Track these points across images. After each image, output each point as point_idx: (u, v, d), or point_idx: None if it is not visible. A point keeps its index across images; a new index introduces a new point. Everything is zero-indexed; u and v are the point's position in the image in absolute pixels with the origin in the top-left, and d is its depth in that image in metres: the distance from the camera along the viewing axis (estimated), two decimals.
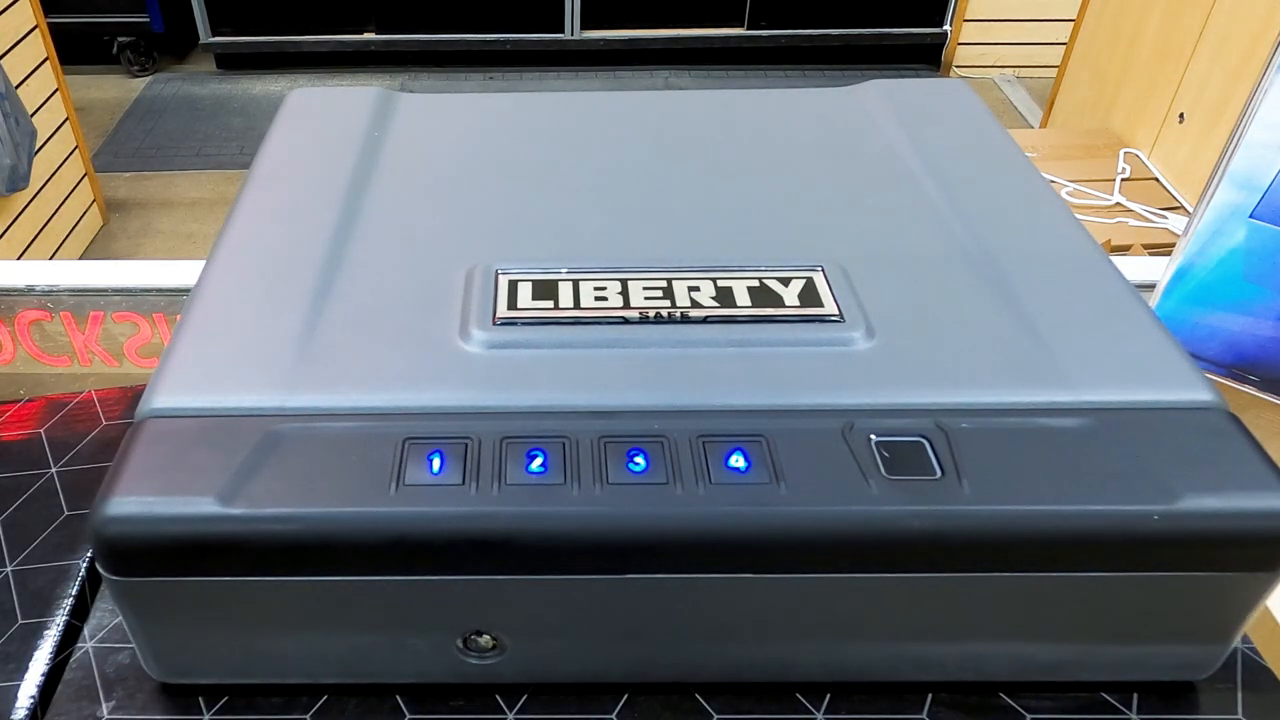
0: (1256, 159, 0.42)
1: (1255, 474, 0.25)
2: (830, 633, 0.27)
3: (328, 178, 0.38)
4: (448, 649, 0.27)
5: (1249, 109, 0.42)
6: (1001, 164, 0.40)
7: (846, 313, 0.31)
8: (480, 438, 0.26)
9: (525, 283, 0.32)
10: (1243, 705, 0.29)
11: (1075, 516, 0.24)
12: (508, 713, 0.29)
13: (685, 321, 0.31)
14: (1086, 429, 0.26)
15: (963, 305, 0.32)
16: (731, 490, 0.24)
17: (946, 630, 0.27)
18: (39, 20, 2.03)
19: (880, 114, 0.44)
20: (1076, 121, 2.20)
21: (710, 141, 0.42)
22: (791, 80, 3.02)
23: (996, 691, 0.29)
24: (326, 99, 0.45)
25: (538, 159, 0.41)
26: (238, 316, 0.31)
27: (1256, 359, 0.45)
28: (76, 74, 2.61)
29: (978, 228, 0.36)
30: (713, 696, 0.29)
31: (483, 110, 0.45)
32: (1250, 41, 1.61)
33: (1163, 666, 0.28)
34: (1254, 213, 0.43)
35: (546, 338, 0.30)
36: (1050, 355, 0.29)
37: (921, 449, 0.26)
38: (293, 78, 3.04)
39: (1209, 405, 0.28)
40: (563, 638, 0.27)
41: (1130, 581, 0.25)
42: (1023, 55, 3.03)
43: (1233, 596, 0.26)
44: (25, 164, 1.90)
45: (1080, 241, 0.35)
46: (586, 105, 0.46)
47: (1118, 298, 0.32)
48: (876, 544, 0.25)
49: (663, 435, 0.26)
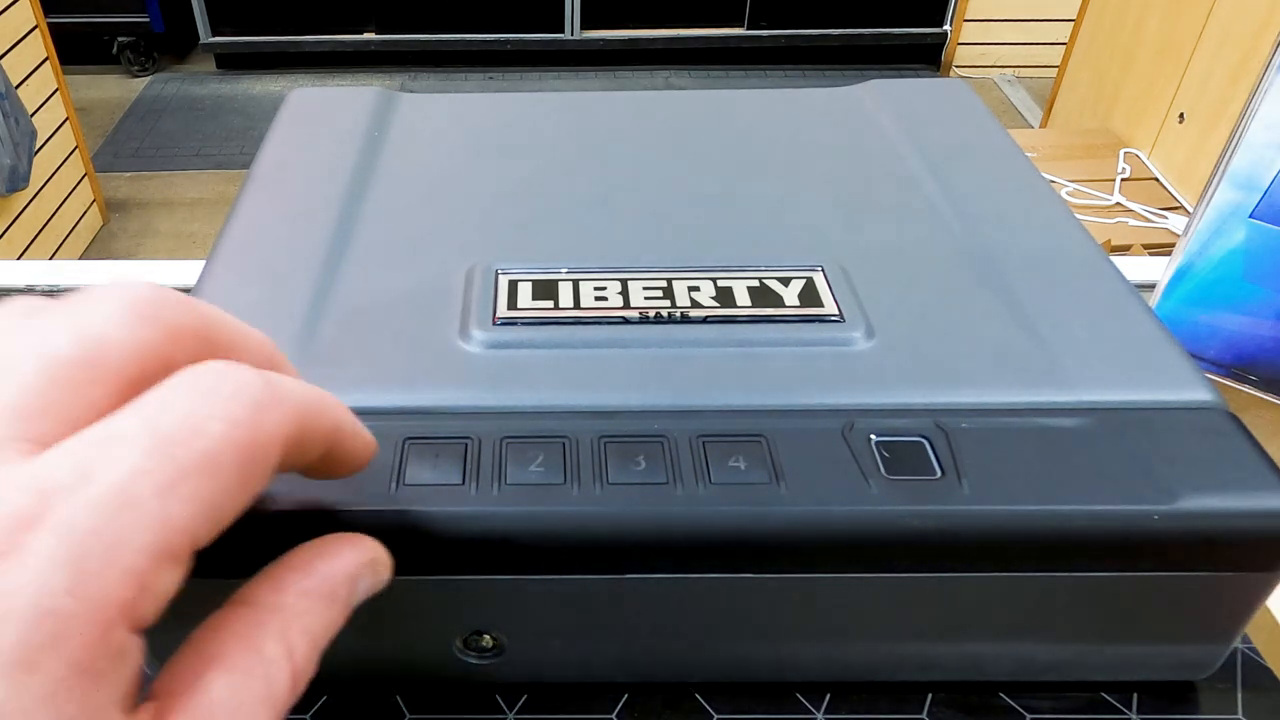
0: (1256, 159, 0.42)
1: (1255, 474, 0.25)
2: (830, 633, 0.27)
3: (328, 178, 0.38)
4: (448, 649, 0.27)
5: (1249, 109, 0.42)
6: (1001, 164, 0.40)
7: (846, 313, 0.31)
8: (480, 437, 0.26)
9: (525, 283, 0.32)
10: (1243, 705, 0.29)
11: (1075, 516, 0.24)
12: (508, 712, 0.29)
13: (685, 321, 0.31)
14: (1086, 429, 0.26)
15: (963, 305, 0.32)
16: (731, 490, 0.24)
17: (946, 630, 0.27)
18: (39, 20, 2.03)
19: (880, 114, 0.44)
20: (1076, 121, 2.20)
21: (710, 141, 0.42)
22: (791, 80, 3.02)
23: (996, 691, 0.29)
24: (326, 99, 0.45)
25: (538, 159, 0.41)
26: (237, 316, 0.31)
27: (1256, 359, 0.45)
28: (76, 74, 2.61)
29: (978, 228, 0.36)
30: (713, 696, 0.29)
31: (483, 110, 0.45)
32: (1250, 41, 1.61)
33: (1163, 666, 0.28)
34: (1254, 213, 0.43)
35: (546, 338, 0.30)
36: (1050, 355, 0.29)
37: (921, 449, 0.26)
38: (293, 78, 3.04)
39: (1209, 405, 0.28)
40: (563, 638, 0.27)
41: (1130, 581, 0.25)
42: (1023, 55, 3.04)
43: (1233, 596, 0.26)
44: (25, 164, 1.90)
45: (1080, 241, 0.35)
46: (586, 105, 0.46)
47: (1118, 298, 0.32)
48: (876, 544, 0.25)
49: (663, 435, 0.26)
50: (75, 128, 2.18)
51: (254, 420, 0.17)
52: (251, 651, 0.17)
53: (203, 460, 0.16)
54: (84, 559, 0.14)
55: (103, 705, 0.14)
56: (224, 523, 0.16)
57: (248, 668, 0.17)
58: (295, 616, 0.18)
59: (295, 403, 0.18)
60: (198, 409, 0.16)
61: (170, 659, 0.17)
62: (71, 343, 0.16)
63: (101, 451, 0.15)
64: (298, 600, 0.19)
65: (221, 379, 0.17)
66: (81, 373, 0.16)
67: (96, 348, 0.17)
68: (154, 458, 0.15)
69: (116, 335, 0.17)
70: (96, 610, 0.14)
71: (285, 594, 0.19)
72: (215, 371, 0.17)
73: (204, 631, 0.18)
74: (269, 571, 0.19)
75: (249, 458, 0.16)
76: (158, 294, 0.18)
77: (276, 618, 0.18)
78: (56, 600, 0.13)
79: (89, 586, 0.14)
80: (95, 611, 0.14)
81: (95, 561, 0.14)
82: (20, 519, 0.14)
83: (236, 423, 0.16)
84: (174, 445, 0.15)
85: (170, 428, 0.16)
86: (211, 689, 0.16)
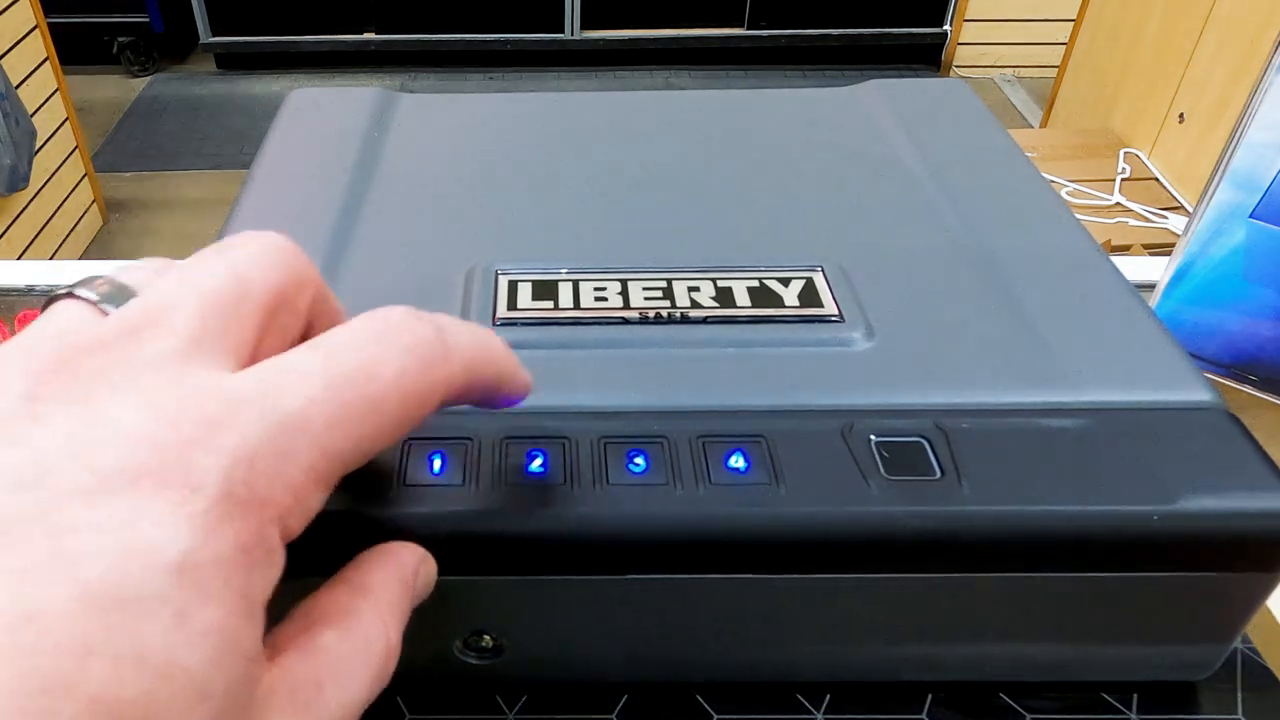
0: (1256, 159, 0.42)
1: (1255, 474, 0.25)
2: (830, 633, 0.27)
3: (328, 178, 0.38)
4: (448, 649, 0.27)
5: (1249, 109, 0.42)
6: (1001, 164, 0.40)
7: (846, 313, 0.31)
8: (480, 438, 0.26)
9: (525, 283, 0.32)
10: (1243, 705, 0.29)
11: (1075, 517, 0.24)
12: (508, 712, 0.29)
13: (685, 322, 0.31)
14: (1086, 429, 0.26)
15: (962, 305, 0.32)
16: (731, 491, 0.25)
17: (946, 630, 0.27)
18: (39, 20, 2.03)
19: (880, 114, 0.44)
20: (1076, 121, 2.20)
21: (710, 141, 0.42)
22: (791, 80, 3.02)
23: (996, 691, 0.29)
24: (326, 99, 0.45)
25: (538, 159, 0.41)
26: None
27: (1256, 359, 0.45)
28: (76, 74, 2.61)
29: (978, 228, 0.36)
30: (713, 696, 0.29)
31: (483, 110, 0.45)
32: (1250, 41, 1.61)
33: (1163, 666, 0.28)
34: (1254, 213, 0.43)
35: (546, 338, 0.30)
36: (1050, 355, 0.29)
37: (921, 449, 0.26)
38: (293, 78, 3.04)
39: (1209, 405, 0.28)
40: (563, 638, 0.27)
41: (1130, 581, 0.25)
42: (1023, 55, 3.04)
43: (1233, 596, 0.26)
44: (25, 164, 1.90)
45: (1080, 241, 0.35)
46: (587, 105, 0.46)
47: (1118, 298, 0.32)
48: (876, 544, 0.25)
49: (663, 435, 0.26)
50: (75, 128, 2.18)
51: (422, 373, 0.18)
52: (352, 615, 0.19)
53: (369, 403, 0.18)
54: (257, 460, 0.16)
55: (252, 591, 0.16)
56: (372, 455, 0.18)
57: (349, 626, 0.19)
58: (384, 596, 0.20)
59: (463, 358, 0.20)
60: (372, 356, 0.18)
61: (279, 624, 0.19)
62: (230, 282, 0.19)
63: (284, 380, 0.17)
64: (383, 583, 0.21)
65: (399, 330, 0.19)
66: (242, 306, 0.19)
67: (247, 287, 0.19)
68: (327, 392, 0.17)
69: (260, 279, 0.19)
70: (261, 506, 0.16)
71: (373, 576, 0.21)
72: (394, 321, 0.19)
73: (307, 603, 0.20)
74: (356, 561, 0.21)
75: (411, 404, 0.18)
76: (287, 245, 0.21)
77: (370, 595, 0.20)
78: (234, 487, 0.16)
79: (257, 485, 0.16)
80: (260, 507, 0.16)
81: (266, 465, 0.16)
82: (212, 420, 0.16)
83: (405, 372, 0.18)
84: (347, 385, 0.17)
85: (346, 368, 0.18)
86: (321, 637, 0.19)
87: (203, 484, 0.16)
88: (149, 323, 0.18)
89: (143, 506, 0.15)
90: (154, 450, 0.16)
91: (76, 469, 0.15)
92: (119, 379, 0.17)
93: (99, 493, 0.15)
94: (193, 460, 0.16)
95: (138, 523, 0.15)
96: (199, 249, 0.20)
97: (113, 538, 0.15)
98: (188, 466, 0.16)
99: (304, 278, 0.20)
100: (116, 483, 0.15)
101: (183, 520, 0.15)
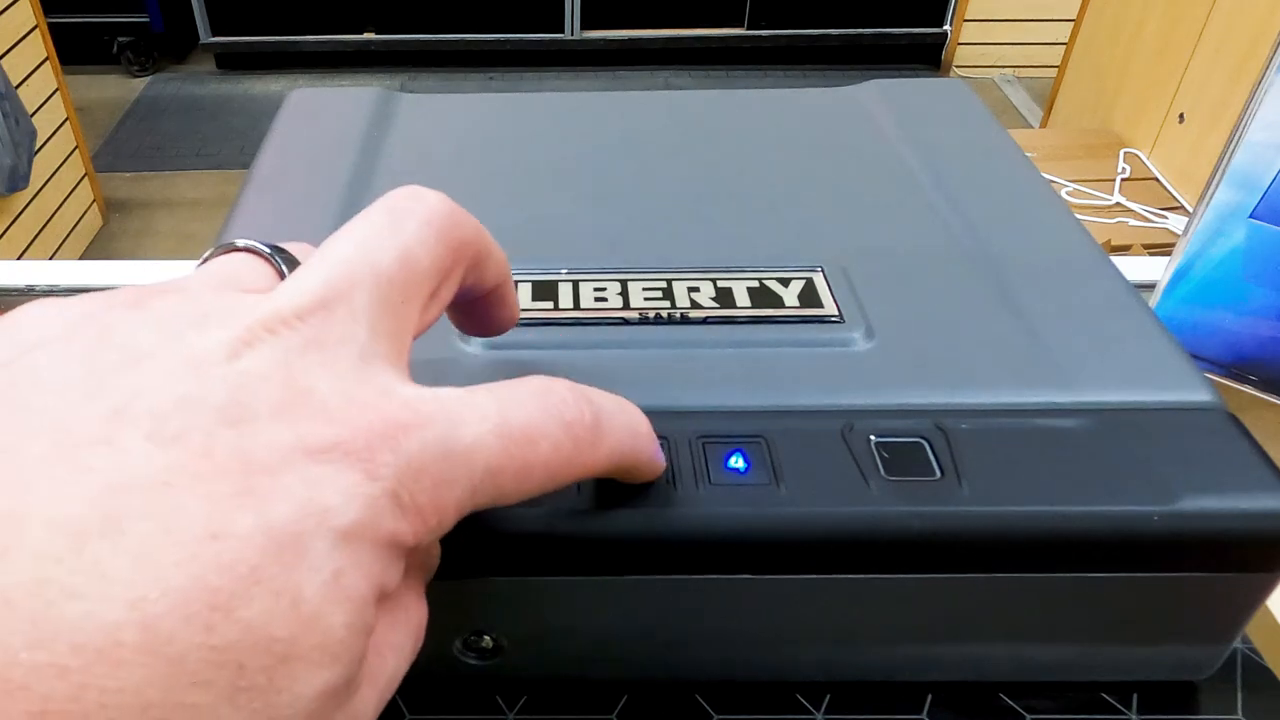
0: (1256, 159, 0.42)
1: (1255, 474, 0.25)
2: (830, 633, 0.27)
3: (328, 178, 0.38)
4: (447, 649, 0.27)
5: (1249, 109, 0.42)
6: (1001, 164, 0.40)
7: (846, 313, 0.31)
8: None
9: (525, 283, 0.32)
10: (1243, 705, 0.29)
11: (1075, 517, 0.24)
12: (508, 712, 0.29)
13: (685, 322, 0.31)
14: (1086, 429, 0.26)
15: (962, 305, 0.32)
16: (731, 491, 0.24)
17: (946, 630, 0.27)
18: (39, 20, 2.03)
19: (880, 114, 0.44)
20: (1076, 121, 2.20)
21: (710, 142, 0.42)
22: (791, 80, 3.02)
23: (996, 691, 0.29)
24: (326, 99, 0.45)
25: (538, 159, 0.41)
26: None
27: (1256, 359, 0.45)
28: (76, 74, 2.61)
29: (978, 228, 0.36)
30: (713, 696, 0.29)
31: (483, 110, 0.45)
32: (1250, 41, 1.62)
33: (1163, 666, 0.28)
34: (1254, 213, 0.43)
35: (546, 338, 0.30)
36: (1050, 355, 0.29)
37: (921, 449, 0.26)
38: (293, 78, 3.04)
39: (1209, 405, 0.28)
40: (563, 638, 0.27)
41: (1130, 582, 0.25)
42: (1023, 55, 3.04)
43: (1233, 596, 0.26)
44: (25, 164, 1.90)
45: (1080, 241, 0.35)
46: (586, 105, 0.46)
47: (1118, 298, 0.32)
48: (876, 545, 0.25)
49: (662, 436, 0.26)
50: (75, 128, 2.18)
51: (572, 453, 0.20)
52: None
53: (522, 465, 0.19)
54: (424, 475, 0.17)
55: (385, 583, 0.17)
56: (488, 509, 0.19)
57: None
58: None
59: (610, 448, 0.21)
60: (538, 423, 0.19)
61: None
62: (400, 267, 0.20)
63: (465, 413, 0.18)
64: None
65: (563, 405, 0.20)
66: (409, 289, 0.20)
67: (416, 271, 0.20)
68: (497, 441, 0.18)
69: (428, 262, 0.20)
70: (413, 515, 0.17)
71: None
72: (557, 395, 0.20)
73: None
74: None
75: (551, 478, 0.20)
76: (454, 214, 0.21)
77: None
78: (401, 490, 0.17)
79: (418, 497, 0.17)
80: (412, 516, 0.17)
81: (429, 481, 0.17)
82: (399, 424, 0.17)
83: (558, 448, 0.20)
84: (512, 442, 0.19)
85: (514, 426, 0.19)
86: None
87: (380, 475, 0.17)
88: (337, 297, 0.19)
89: (330, 474, 0.16)
90: (347, 430, 0.17)
91: (278, 425, 0.16)
92: (314, 353, 0.18)
93: (296, 449, 0.16)
94: (378, 453, 0.17)
95: (322, 485, 0.16)
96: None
97: (301, 490, 0.16)
98: (373, 456, 0.17)
99: (464, 245, 0.22)
100: (312, 445, 0.16)
101: (359, 497, 0.16)
